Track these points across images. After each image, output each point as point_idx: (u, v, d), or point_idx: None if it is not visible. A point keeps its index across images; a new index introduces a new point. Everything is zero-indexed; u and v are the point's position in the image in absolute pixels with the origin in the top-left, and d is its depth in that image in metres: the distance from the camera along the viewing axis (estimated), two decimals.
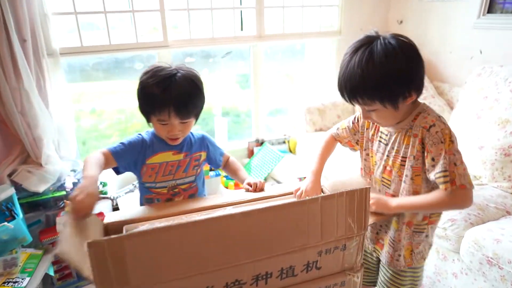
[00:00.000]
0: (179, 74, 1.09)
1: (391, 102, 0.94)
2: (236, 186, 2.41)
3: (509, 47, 2.13)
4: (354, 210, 0.94)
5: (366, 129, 1.17)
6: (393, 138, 1.06)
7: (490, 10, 2.20)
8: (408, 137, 1.01)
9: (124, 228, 1.10)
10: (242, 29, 2.54)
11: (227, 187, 2.43)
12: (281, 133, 2.85)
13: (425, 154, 0.98)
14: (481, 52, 2.29)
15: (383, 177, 1.12)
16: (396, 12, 2.80)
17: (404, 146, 1.03)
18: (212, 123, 2.70)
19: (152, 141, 1.22)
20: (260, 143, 2.77)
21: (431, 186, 1.04)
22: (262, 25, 2.44)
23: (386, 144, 1.09)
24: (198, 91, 1.14)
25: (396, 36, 0.94)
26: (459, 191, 0.95)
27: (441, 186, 0.96)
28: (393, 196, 1.11)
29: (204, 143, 1.30)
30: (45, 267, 1.67)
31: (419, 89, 0.96)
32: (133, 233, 0.76)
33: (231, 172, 1.38)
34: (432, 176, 0.97)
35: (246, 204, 1.19)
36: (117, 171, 1.21)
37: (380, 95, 0.93)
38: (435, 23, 2.54)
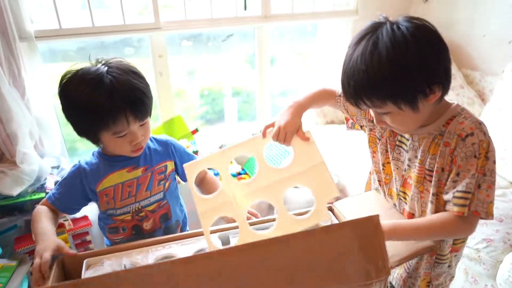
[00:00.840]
0: (111, 69, 0.87)
1: (407, 102, 0.74)
2: None
3: None
4: (368, 245, 0.74)
5: (382, 126, 0.92)
6: (416, 144, 0.85)
7: None
8: (436, 146, 0.81)
9: (85, 262, 0.89)
10: (245, 9, 2.26)
11: None
12: None
13: (451, 167, 0.79)
14: None
15: (400, 191, 0.92)
16: None
17: (430, 156, 0.83)
18: (221, 104, 2.46)
19: (97, 164, 0.99)
20: None
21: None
22: (268, 4, 2.15)
23: (407, 151, 0.87)
24: (143, 80, 0.92)
25: (409, 19, 0.74)
26: (471, 217, 0.77)
27: (455, 209, 0.77)
28: (412, 216, 0.91)
29: (168, 149, 1.08)
30: (19, 281, 1.49)
31: (444, 83, 0.75)
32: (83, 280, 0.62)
33: (208, 191, 1.10)
34: (449, 195, 0.78)
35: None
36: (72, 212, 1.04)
37: (392, 94, 0.73)
38: (466, 1, 2.22)
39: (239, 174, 2.32)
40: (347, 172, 2.09)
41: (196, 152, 1.98)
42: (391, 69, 0.70)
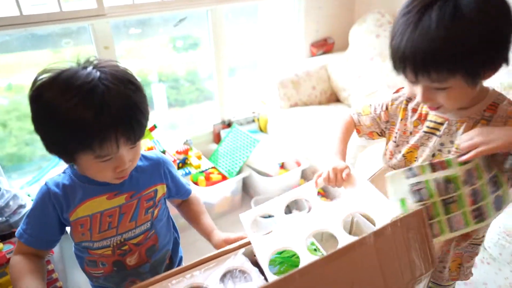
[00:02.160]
0: (105, 75, 0.68)
1: (474, 75, 0.68)
2: (207, 179, 2.05)
3: None
4: (416, 241, 0.72)
5: (401, 119, 0.90)
6: (453, 128, 0.80)
7: None
8: None
9: None
10: None
11: (196, 183, 2.06)
12: (249, 110, 2.50)
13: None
14: None
15: None
16: None
17: None
18: (148, 91, 2.25)
19: (70, 187, 0.81)
20: (228, 124, 2.40)
21: None
22: None
23: (440, 136, 0.83)
24: (141, 93, 0.74)
25: None
26: None
27: None
28: None
29: (160, 170, 0.90)
30: None
31: (505, 60, 0.69)
32: None
33: (191, 214, 1.00)
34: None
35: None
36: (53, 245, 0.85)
37: (470, 67, 0.66)
38: None
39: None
40: (317, 155, 2.07)
41: (164, 152, 1.79)
42: (480, 38, 0.63)
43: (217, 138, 2.37)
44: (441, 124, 0.82)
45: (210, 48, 2.18)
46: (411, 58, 0.67)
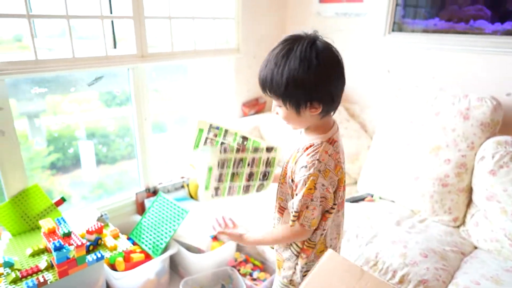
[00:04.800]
0: None
1: (292, 105, 0.93)
2: (127, 260, 1.73)
3: (419, 66, 2.05)
4: None
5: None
6: (294, 151, 1.05)
7: (397, 28, 2.10)
8: (295, 157, 1.00)
9: None
10: (115, 46, 1.89)
11: (113, 266, 1.73)
12: (177, 175, 2.26)
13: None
14: (389, 72, 2.18)
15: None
16: (294, 29, 2.55)
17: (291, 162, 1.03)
18: (75, 148, 1.99)
19: None
20: (153, 192, 2.13)
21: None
22: (143, 41, 1.84)
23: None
24: None
25: (324, 42, 0.93)
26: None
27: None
28: None
29: None
30: None
31: (326, 103, 0.93)
32: None
33: None
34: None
35: None
36: None
37: (283, 95, 0.92)
38: (336, 40, 2.35)
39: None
40: (253, 223, 1.89)
41: (68, 235, 1.46)
42: (288, 78, 0.88)
43: (141, 209, 2.08)
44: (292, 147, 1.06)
45: (132, 108, 1.96)
46: (259, 79, 0.95)
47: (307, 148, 0.95)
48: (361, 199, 1.88)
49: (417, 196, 1.72)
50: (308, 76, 0.87)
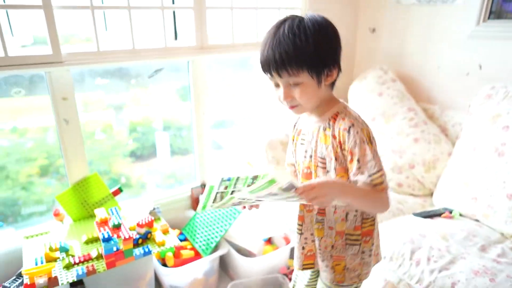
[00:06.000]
0: None
1: (317, 73, 0.88)
2: (177, 256, 1.70)
3: None
4: None
5: (293, 141, 1.07)
6: (310, 137, 0.98)
7: (495, 15, 1.77)
8: (326, 137, 0.93)
9: None
10: (176, 38, 1.86)
11: (163, 260, 1.71)
12: (236, 173, 2.19)
13: (344, 156, 0.91)
14: (480, 68, 1.85)
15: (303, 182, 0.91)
16: (368, 18, 2.31)
17: (321, 146, 0.95)
18: (153, 138, 2.06)
19: None
20: None
21: None
22: (204, 32, 1.78)
23: (306, 146, 1.00)
24: None
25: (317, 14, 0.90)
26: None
27: (378, 187, 0.88)
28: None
29: None
30: None
31: (339, 71, 0.92)
32: None
33: None
34: (364, 177, 0.88)
35: None
36: None
37: (310, 62, 0.86)
38: (416, 31, 2.08)
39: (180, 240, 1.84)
40: None
41: (118, 227, 1.46)
42: (314, 40, 0.85)
43: (196, 204, 2.05)
44: (305, 134, 1.00)
45: (190, 102, 1.93)
46: (272, 58, 0.87)
47: (334, 119, 0.92)
48: (437, 214, 1.62)
49: (510, 217, 1.42)
50: (328, 41, 0.88)
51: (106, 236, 1.33)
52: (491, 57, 1.80)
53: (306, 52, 0.85)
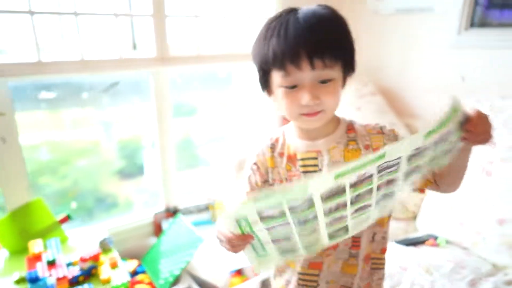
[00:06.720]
0: None
1: (348, 67, 0.74)
2: None
3: (506, 71, 1.58)
4: None
5: (273, 168, 0.81)
6: (326, 157, 0.77)
7: (479, 24, 1.65)
8: (354, 151, 0.76)
9: None
10: (135, 48, 1.71)
11: None
12: (204, 196, 2.01)
13: None
14: (463, 79, 1.73)
15: None
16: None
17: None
18: (140, 156, 1.94)
19: None
20: (173, 212, 1.89)
21: None
22: (164, 42, 1.63)
23: (321, 169, 0.77)
24: None
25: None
26: None
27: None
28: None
29: None
30: None
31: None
32: None
33: None
34: None
35: None
36: None
37: (345, 52, 0.72)
38: (395, 42, 1.96)
39: (135, 273, 1.63)
40: None
41: (53, 263, 1.25)
42: (346, 31, 0.72)
43: (158, 230, 1.86)
44: (315, 158, 0.78)
45: (152, 117, 1.76)
46: (305, 45, 0.68)
47: (350, 131, 0.78)
48: (420, 241, 1.45)
49: (502, 245, 1.26)
50: (349, 33, 0.74)
51: (33, 276, 1.13)
52: (475, 67, 1.67)
53: (342, 42, 0.71)
